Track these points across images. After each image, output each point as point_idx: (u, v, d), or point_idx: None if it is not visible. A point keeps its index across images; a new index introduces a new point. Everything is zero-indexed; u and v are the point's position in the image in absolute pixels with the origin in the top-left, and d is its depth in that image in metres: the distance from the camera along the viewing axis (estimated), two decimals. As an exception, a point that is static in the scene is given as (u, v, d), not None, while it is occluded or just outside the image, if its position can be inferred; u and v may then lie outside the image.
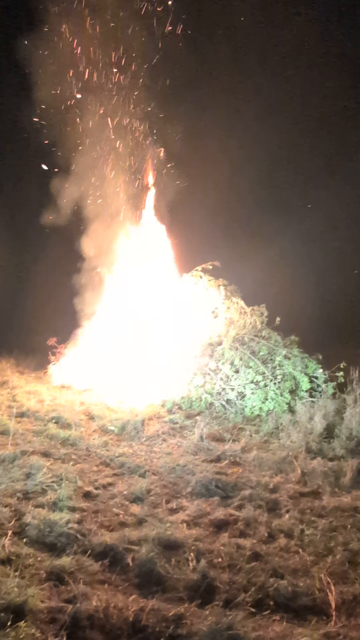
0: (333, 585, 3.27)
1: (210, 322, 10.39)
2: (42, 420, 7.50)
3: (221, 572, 3.49)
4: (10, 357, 12.39)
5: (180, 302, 10.92)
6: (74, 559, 3.50)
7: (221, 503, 4.86)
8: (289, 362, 8.81)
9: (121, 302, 11.50)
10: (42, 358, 11.93)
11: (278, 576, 3.45)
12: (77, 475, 5.23)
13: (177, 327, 10.40)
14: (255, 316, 10.10)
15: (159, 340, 10.30)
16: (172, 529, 4.12)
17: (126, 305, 11.35)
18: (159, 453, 6.37)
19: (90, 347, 11.39)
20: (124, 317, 11.17)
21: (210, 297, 10.67)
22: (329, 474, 5.57)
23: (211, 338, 9.66)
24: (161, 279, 11.65)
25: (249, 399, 8.50)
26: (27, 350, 12.82)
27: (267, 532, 4.23)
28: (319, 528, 4.29)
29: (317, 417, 7.23)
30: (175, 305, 10.90)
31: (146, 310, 11.01)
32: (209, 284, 10.77)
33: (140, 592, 3.20)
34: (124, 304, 11.40)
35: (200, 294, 10.79)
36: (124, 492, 4.95)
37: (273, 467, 5.88)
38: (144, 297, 11.28)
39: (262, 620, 2.90)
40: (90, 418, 7.83)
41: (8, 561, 3.35)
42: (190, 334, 10.03)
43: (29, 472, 5.13)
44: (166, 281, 11.58)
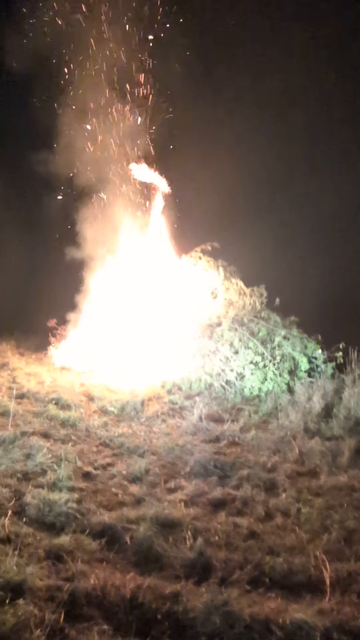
0: (328, 562, 3.31)
1: (209, 303, 10.38)
2: (42, 401, 7.54)
3: (218, 550, 3.53)
4: (11, 338, 12.42)
5: (179, 283, 10.90)
6: (73, 537, 3.54)
7: (219, 482, 4.90)
8: (288, 343, 8.81)
9: (121, 283, 11.47)
10: (42, 340, 11.96)
11: (274, 554, 3.50)
12: (76, 456, 5.27)
13: (177, 309, 10.40)
14: (255, 297, 10.09)
15: (158, 321, 10.30)
16: (170, 508, 4.17)
17: (126, 286, 11.33)
18: (158, 433, 6.41)
19: (90, 328, 11.40)
20: (123, 298, 11.16)
21: (210, 278, 10.64)
22: (326, 454, 5.61)
23: (210, 319, 9.66)
24: (160, 260, 11.60)
25: (248, 380, 8.53)
26: (28, 332, 12.84)
27: (264, 511, 4.27)
28: (316, 507, 4.34)
29: (316, 398, 7.27)
30: (174, 287, 10.88)
31: (146, 291, 10.99)
32: (208, 265, 10.73)
33: (137, 570, 3.24)
34: (124, 286, 11.37)
35: (199, 275, 10.76)
36: (123, 472, 4.99)
37: (271, 447, 5.93)
38: (143, 279, 11.25)
39: (257, 597, 2.95)
40: (90, 399, 7.87)
41: (7, 540, 3.40)
42: (190, 316, 10.03)
43: (29, 452, 5.17)
44: (165, 262, 11.53)
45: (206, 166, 14.05)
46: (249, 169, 14.88)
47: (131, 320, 10.61)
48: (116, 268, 11.73)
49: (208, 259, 10.82)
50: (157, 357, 9.63)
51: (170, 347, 9.63)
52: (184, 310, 10.24)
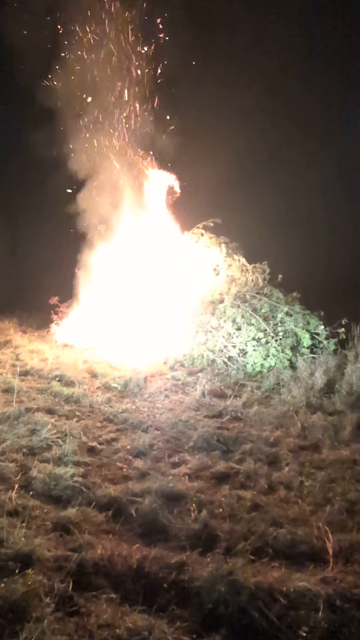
0: (331, 533, 3.36)
1: (211, 280, 10.35)
2: (46, 378, 7.58)
3: (222, 522, 3.59)
4: (13, 316, 12.44)
5: (181, 260, 10.86)
6: (79, 510, 3.60)
7: (222, 457, 4.96)
8: (291, 319, 8.81)
9: (123, 260, 11.43)
10: (44, 317, 11.98)
11: (277, 525, 3.55)
12: (81, 431, 5.32)
13: (179, 286, 10.38)
14: (257, 273, 10.05)
15: (160, 298, 10.30)
16: (175, 481, 4.22)
17: (128, 263, 11.29)
18: (161, 409, 6.46)
19: (92, 306, 11.40)
20: (125, 275, 11.13)
21: (212, 254, 10.59)
22: (328, 428, 5.66)
23: (213, 296, 9.66)
24: (162, 237, 11.53)
25: (250, 356, 8.55)
26: (30, 309, 12.87)
27: (267, 484, 4.33)
28: (318, 480, 4.39)
29: (318, 373, 7.30)
30: (176, 264, 10.84)
31: (148, 268, 10.96)
32: (209, 241, 10.67)
33: (143, 541, 3.30)
34: (126, 263, 11.33)
35: (201, 251, 10.71)
36: (127, 447, 5.05)
37: (274, 422, 5.97)
38: (145, 256, 11.20)
39: (261, 566, 3.00)
40: (93, 376, 7.91)
41: (15, 513, 3.45)
42: (192, 292, 10.02)
43: (34, 428, 5.22)
44: (167, 239, 11.47)
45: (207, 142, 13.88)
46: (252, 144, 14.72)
47: (133, 297, 10.60)
48: (118, 245, 11.68)
49: (210, 235, 10.76)
50: (160, 334, 9.65)
51: (173, 324, 9.64)
52: (186, 287, 10.23)
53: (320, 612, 2.56)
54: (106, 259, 11.73)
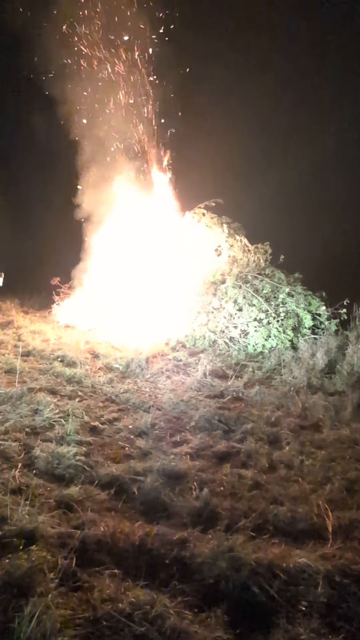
0: (331, 511, 3.40)
1: (213, 261, 10.32)
2: (48, 359, 7.61)
3: (223, 500, 3.63)
4: (15, 297, 12.44)
5: (183, 240, 10.81)
6: (82, 488, 3.64)
7: (223, 436, 5.00)
8: (292, 300, 8.81)
9: (124, 241, 11.38)
10: (46, 298, 11.98)
11: (278, 503, 3.60)
12: (83, 411, 5.36)
13: (180, 266, 10.35)
14: (259, 254, 10.02)
15: (162, 279, 10.28)
16: (176, 460, 4.26)
17: (129, 244, 11.24)
18: (163, 389, 6.50)
19: (93, 287, 11.39)
20: (127, 256, 11.09)
21: (214, 235, 10.54)
22: (329, 408, 5.69)
23: (214, 276, 9.64)
24: (164, 218, 11.46)
25: (252, 337, 8.57)
26: (31, 290, 12.86)
27: (268, 463, 4.37)
28: (319, 459, 4.43)
29: (319, 354, 7.32)
30: (178, 244, 10.79)
31: (149, 249, 10.91)
32: (211, 221, 10.61)
33: (145, 518, 3.34)
34: (128, 244, 11.28)
35: (203, 232, 10.65)
36: (129, 427, 5.08)
37: (275, 402, 6.01)
38: (147, 236, 11.15)
39: (261, 543, 3.04)
40: (95, 357, 7.94)
41: (19, 491, 3.49)
42: (194, 273, 10.00)
43: (37, 408, 5.25)
44: (169, 220, 11.40)
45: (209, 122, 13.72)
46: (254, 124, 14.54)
47: (135, 278, 10.58)
48: (120, 226, 11.61)
49: (212, 215, 10.69)
50: (161, 315, 9.66)
51: (174, 304, 9.64)
52: (188, 268, 10.20)
53: (320, 587, 2.61)
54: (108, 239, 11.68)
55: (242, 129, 13.80)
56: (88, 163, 11.83)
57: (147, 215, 11.53)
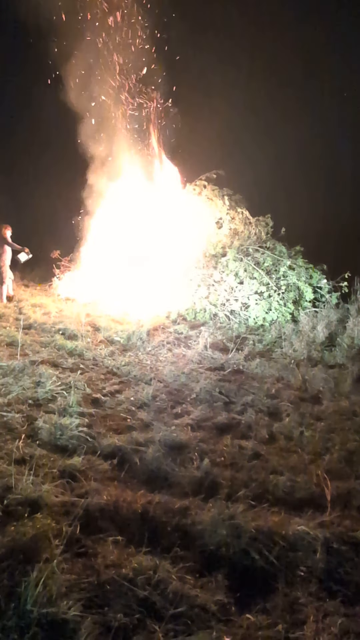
0: (329, 481, 3.46)
1: (214, 233, 10.25)
2: (49, 332, 7.64)
3: (224, 470, 3.69)
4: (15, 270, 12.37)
5: (184, 213, 10.71)
6: (85, 459, 3.69)
7: (224, 408, 5.05)
8: (293, 273, 8.79)
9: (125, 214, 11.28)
10: (46, 271, 11.95)
11: (277, 473, 3.66)
12: (85, 384, 5.40)
13: (181, 239, 10.28)
14: (260, 227, 9.95)
15: (162, 252, 10.22)
16: (177, 431, 4.31)
17: (130, 217, 11.15)
18: (164, 362, 6.53)
19: (94, 259, 11.34)
20: (127, 229, 11.01)
21: (215, 207, 10.44)
22: (329, 381, 5.74)
23: (215, 249, 9.59)
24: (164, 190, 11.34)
25: (252, 310, 8.57)
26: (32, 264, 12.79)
27: (268, 434, 4.42)
28: (318, 430, 4.49)
29: (320, 327, 7.34)
30: (179, 217, 10.70)
31: (150, 222, 10.82)
32: (212, 193, 10.50)
33: (147, 488, 3.40)
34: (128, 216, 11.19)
35: (204, 204, 10.55)
36: (130, 399, 5.13)
37: (275, 375, 6.05)
38: (147, 209, 11.05)
39: (261, 511, 3.10)
40: (96, 330, 7.96)
41: (23, 461, 3.55)
42: (194, 246, 9.94)
43: (39, 380, 5.29)
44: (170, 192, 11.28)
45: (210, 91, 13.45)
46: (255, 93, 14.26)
47: (135, 251, 10.52)
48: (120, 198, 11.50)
49: (213, 187, 10.58)
50: (162, 288, 9.64)
51: (175, 278, 9.62)
52: (189, 241, 10.14)
53: (318, 553, 2.67)
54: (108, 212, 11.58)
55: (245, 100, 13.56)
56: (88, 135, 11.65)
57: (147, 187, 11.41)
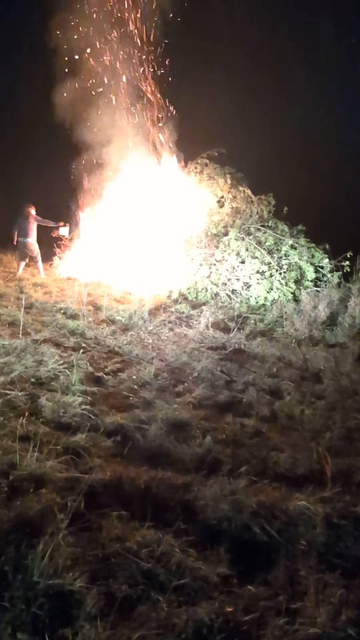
0: (330, 457, 3.50)
1: (216, 212, 10.18)
2: (51, 311, 7.65)
3: (225, 447, 3.73)
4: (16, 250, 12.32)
5: (185, 191, 10.63)
6: (88, 436, 3.73)
7: (225, 387, 5.08)
8: (295, 252, 8.75)
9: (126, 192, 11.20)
10: (47, 250, 11.89)
11: (278, 450, 3.70)
12: (87, 362, 5.43)
13: (183, 218, 10.22)
14: (262, 205, 9.89)
15: (164, 231, 10.17)
16: (179, 409, 4.35)
17: (131, 195, 11.06)
18: (165, 341, 6.55)
19: (95, 238, 11.29)
20: (128, 207, 10.94)
21: (217, 185, 10.36)
22: (330, 360, 5.76)
23: (217, 228, 9.54)
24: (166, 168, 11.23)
25: (254, 289, 8.57)
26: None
27: (269, 413, 4.46)
28: (319, 408, 4.52)
29: (321, 306, 7.34)
30: (180, 195, 10.62)
31: (151, 201, 10.75)
32: (214, 171, 10.40)
33: (150, 464, 3.45)
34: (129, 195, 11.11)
35: (205, 182, 10.46)
36: (132, 377, 5.16)
37: (276, 354, 6.08)
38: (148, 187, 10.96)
39: (263, 487, 3.15)
40: (97, 309, 7.97)
41: (27, 438, 3.58)
42: (196, 225, 9.89)
43: (41, 359, 5.32)
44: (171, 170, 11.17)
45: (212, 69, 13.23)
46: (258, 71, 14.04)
47: (136, 230, 10.48)
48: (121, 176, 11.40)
49: (214, 165, 10.48)
50: (163, 268, 9.62)
51: (176, 257, 9.59)
52: (190, 220, 10.08)
53: (318, 527, 2.72)
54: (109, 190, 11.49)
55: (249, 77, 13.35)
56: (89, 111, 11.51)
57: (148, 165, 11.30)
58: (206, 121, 12.87)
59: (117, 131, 11.53)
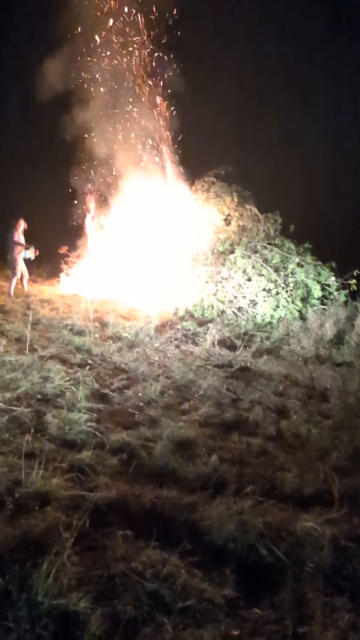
0: (337, 478, 3.47)
1: (222, 230, 10.24)
2: (57, 327, 7.68)
3: (231, 466, 3.71)
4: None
5: (192, 209, 10.71)
6: (93, 453, 3.72)
7: (232, 405, 5.06)
8: (302, 270, 8.77)
9: (133, 210, 11.30)
10: (54, 267, 11.98)
11: (285, 470, 3.67)
12: (93, 379, 5.43)
13: (189, 236, 10.29)
14: (269, 223, 9.94)
15: (170, 249, 10.23)
16: (185, 427, 4.33)
17: (137, 213, 11.16)
18: (171, 358, 6.55)
19: (102, 255, 11.37)
20: (135, 225, 11.03)
21: (223, 203, 10.43)
22: (337, 378, 5.73)
23: (223, 246, 9.58)
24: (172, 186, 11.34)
25: (260, 307, 8.57)
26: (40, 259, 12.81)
27: (275, 432, 4.43)
28: (325, 427, 4.49)
29: (328, 325, 7.33)
30: (187, 213, 10.70)
31: (157, 218, 10.83)
32: (221, 190, 10.49)
33: (156, 483, 3.43)
34: (136, 212, 11.20)
35: (212, 200, 10.54)
36: (138, 395, 5.15)
37: (282, 372, 6.05)
38: (155, 205, 11.06)
39: (269, 507, 3.12)
40: (103, 325, 8.00)
41: (32, 455, 3.58)
42: (202, 243, 9.94)
43: (47, 376, 5.32)
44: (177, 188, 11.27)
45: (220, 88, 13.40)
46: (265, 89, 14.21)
47: (143, 248, 10.54)
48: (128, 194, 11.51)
49: (221, 184, 10.57)
50: (169, 285, 9.66)
51: (182, 274, 9.63)
52: (197, 237, 10.14)
53: (325, 550, 2.69)
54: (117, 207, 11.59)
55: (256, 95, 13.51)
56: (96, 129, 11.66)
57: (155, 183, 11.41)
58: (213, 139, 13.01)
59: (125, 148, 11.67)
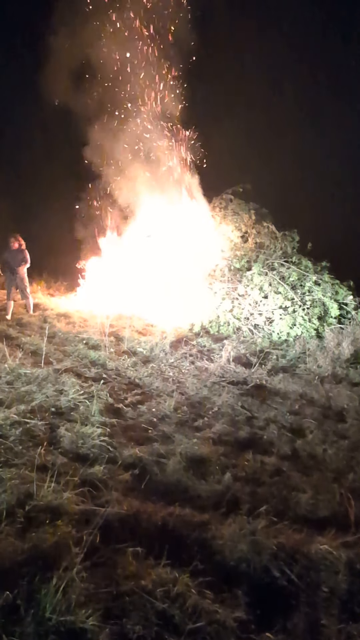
0: (353, 500, 3.39)
1: (240, 247, 10.25)
2: (73, 341, 7.71)
3: (245, 485, 3.65)
4: (41, 279, 12.58)
5: (209, 226, 10.75)
6: (106, 468, 3.70)
7: (246, 423, 5.00)
8: (319, 288, 8.70)
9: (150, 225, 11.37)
10: (71, 281, 12.09)
11: (299, 490, 3.60)
12: (107, 393, 5.42)
13: (206, 252, 10.31)
14: (286, 241, 9.91)
15: (187, 265, 10.26)
16: (199, 444, 4.29)
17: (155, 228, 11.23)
18: (186, 374, 6.52)
19: (119, 270, 11.43)
20: (152, 240, 11.09)
21: (241, 221, 10.46)
22: (354, 398, 5.64)
23: (240, 263, 9.58)
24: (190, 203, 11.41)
25: (276, 324, 8.51)
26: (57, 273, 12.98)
27: (290, 451, 4.37)
28: (342, 448, 4.41)
29: (345, 344, 7.24)
30: (204, 230, 10.74)
31: (175, 234, 10.89)
32: (239, 207, 10.52)
33: (167, 499, 3.38)
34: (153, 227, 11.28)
35: (230, 217, 10.57)
36: (152, 410, 5.13)
37: (298, 391, 5.98)
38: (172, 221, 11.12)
39: (283, 528, 3.05)
40: (119, 340, 8.00)
41: (44, 468, 3.57)
42: (219, 259, 9.95)
43: (62, 389, 5.33)
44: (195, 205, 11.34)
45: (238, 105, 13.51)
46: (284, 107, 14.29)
47: (160, 263, 10.58)
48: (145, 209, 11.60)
49: (239, 201, 10.60)
50: (186, 301, 9.65)
51: (199, 290, 9.62)
52: (214, 254, 10.16)
53: (341, 574, 2.61)
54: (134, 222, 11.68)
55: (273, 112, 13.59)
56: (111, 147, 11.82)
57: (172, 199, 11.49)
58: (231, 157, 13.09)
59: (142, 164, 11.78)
